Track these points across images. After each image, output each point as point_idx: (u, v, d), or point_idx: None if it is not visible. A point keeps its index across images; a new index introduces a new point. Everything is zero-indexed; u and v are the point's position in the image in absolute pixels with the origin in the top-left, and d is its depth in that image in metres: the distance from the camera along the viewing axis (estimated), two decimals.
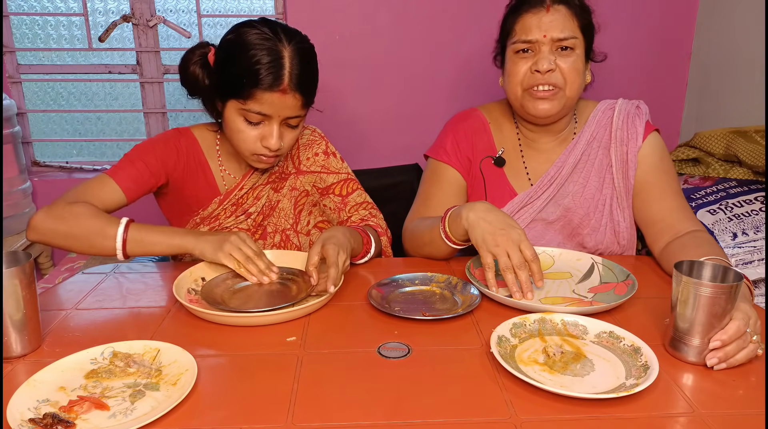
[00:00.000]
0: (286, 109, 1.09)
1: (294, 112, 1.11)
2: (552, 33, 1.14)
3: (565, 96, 1.17)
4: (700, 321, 0.79)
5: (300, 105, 1.11)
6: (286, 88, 1.07)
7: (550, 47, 1.15)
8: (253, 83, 1.05)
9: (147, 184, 1.17)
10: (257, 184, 1.26)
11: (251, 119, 1.10)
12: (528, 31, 1.15)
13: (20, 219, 2.12)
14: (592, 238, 1.24)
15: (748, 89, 1.97)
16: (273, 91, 1.06)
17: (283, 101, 1.08)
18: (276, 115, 1.09)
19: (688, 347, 0.81)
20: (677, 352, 0.82)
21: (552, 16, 1.14)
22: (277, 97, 1.07)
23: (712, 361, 0.78)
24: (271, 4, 2.19)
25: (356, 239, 1.13)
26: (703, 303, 0.78)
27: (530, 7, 1.16)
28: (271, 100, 1.07)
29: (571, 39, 1.14)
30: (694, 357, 0.81)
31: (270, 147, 1.11)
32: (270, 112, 1.09)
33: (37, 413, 0.68)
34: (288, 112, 1.10)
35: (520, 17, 1.17)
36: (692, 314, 0.79)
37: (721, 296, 0.77)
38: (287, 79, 1.07)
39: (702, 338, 0.79)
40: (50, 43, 2.23)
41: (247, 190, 1.25)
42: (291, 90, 1.08)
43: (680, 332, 0.81)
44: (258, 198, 1.26)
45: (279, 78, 1.06)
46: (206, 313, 0.91)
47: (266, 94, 1.06)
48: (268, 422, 0.68)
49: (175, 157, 1.21)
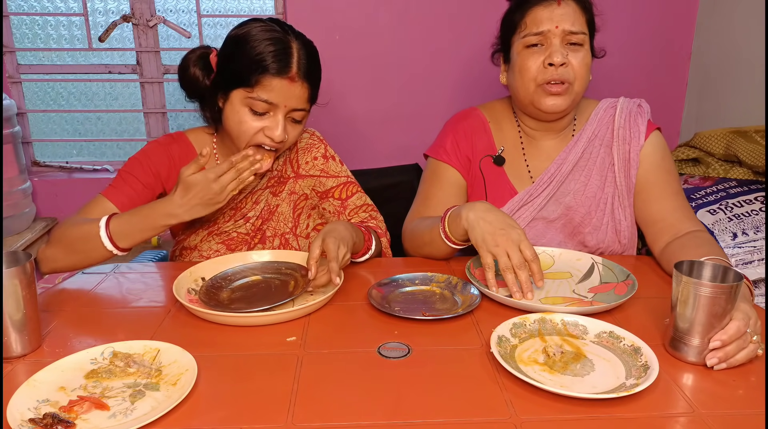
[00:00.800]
0: (293, 98, 1.10)
1: (300, 104, 1.11)
2: (564, 25, 1.14)
3: (574, 91, 1.17)
4: (700, 321, 0.79)
5: (306, 97, 1.11)
6: (295, 75, 1.08)
7: (561, 40, 1.14)
8: (262, 69, 1.06)
9: (142, 198, 1.18)
10: (256, 189, 1.26)
11: (257, 108, 1.09)
12: (539, 23, 1.15)
13: (20, 219, 2.12)
14: (594, 237, 1.24)
15: (748, 89, 1.97)
16: (282, 78, 1.07)
17: (291, 90, 1.08)
18: (282, 105, 1.09)
19: (688, 347, 0.81)
20: (677, 352, 0.82)
21: (563, 9, 1.14)
22: (285, 85, 1.08)
23: (712, 361, 0.78)
24: (271, 4, 2.20)
25: (358, 234, 1.13)
26: (703, 303, 0.78)
27: (541, 1, 1.16)
28: (280, 86, 1.07)
29: (581, 34, 1.15)
30: (694, 357, 0.81)
31: (274, 138, 1.11)
32: (277, 100, 1.09)
33: (37, 413, 0.68)
34: (295, 102, 1.10)
35: (530, 10, 1.17)
36: (692, 314, 0.79)
37: (721, 296, 0.77)
38: (296, 66, 1.08)
39: (702, 338, 0.79)
40: (50, 43, 2.23)
41: (245, 195, 1.25)
42: (299, 78, 1.08)
43: (680, 332, 0.81)
44: (257, 202, 1.26)
45: (288, 65, 1.07)
46: (206, 313, 0.91)
47: (275, 80, 1.07)
48: (268, 422, 0.68)
49: (168, 165, 1.21)
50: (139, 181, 1.17)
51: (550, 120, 1.23)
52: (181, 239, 1.27)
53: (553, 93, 1.16)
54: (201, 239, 1.24)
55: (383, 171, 1.77)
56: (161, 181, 1.21)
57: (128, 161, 1.20)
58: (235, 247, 1.24)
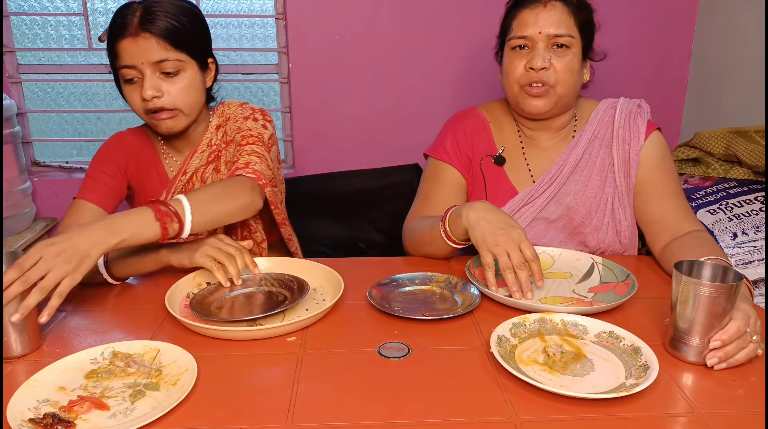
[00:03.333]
0: (145, 52, 1.10)
1: (157, 56, 1.11)
2: (548, 29, 1.14)
3: (556, 94, 1.17)
4: (700, 321, 0.79)
5: (160, 48, 1.11)
6: (135, 30, 1.10)
7: (546, 44, 1.15)
8: (111, 40, 1.12)
9: (115, 190, 1.21)
10: (199, 166, 1.25)
11: (126, 76, 1.13)
12: (524, 27, 1.16)
13: (20, 219, 2.12)
14: (594, 238, 1.24)
15: (748, 89, 1.97)
16: (125, 38, 1.10)
17: (138, 46, 1.10)
18: (140, 63, 1.11)
19: (688, 347, 0.81)
20: (677, 351, 0.82)
21: (548, 12, 1.15)
22: (130, 43, 1.10)
23: (712, 360, 0.78)
24: (271, 4, 2.19)
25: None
26: (702, 303, 0.78)
27: (528, 3, 1.17)
28: (127, 48, 1.10)
29: (567, 37, 1.15)
30: (694, 357, 0.81)
31: (144, 97, 1.12)
32: (132, 61, 1.11)
33: (37, 413, 0.68)
34: (150, 55, 1.11)
35: (518, 13, 1.18)
36: (692, 314, 0.79)
37: (721, 296, 0.77)
38: (136, 22, 1.10)
39: (702, 338, 0.79)
40: (50, 43, 2.23)
41: (190, 175, 1.25)
42: (141, 31, 1.10)
43: (680, 332, 0.81)
44: (203, 180, 1.25)
45: (126, 25, 1.10)
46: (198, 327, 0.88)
47: (121, 43, 1.10)
48: (268, 422, 0.68)
49: (126, 156, 1.24)
50: (107, 175, 1.20)
51: (539, 119, 1.23)
52: None
53: (534, 95, 1.17)
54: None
55: (383, 171, 1.77)
56: (125, 172, 1.24)
57: (93, 160, 1.23)
58: None
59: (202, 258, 1.01)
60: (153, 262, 1.05)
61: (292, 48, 2.14)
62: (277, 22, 2.19)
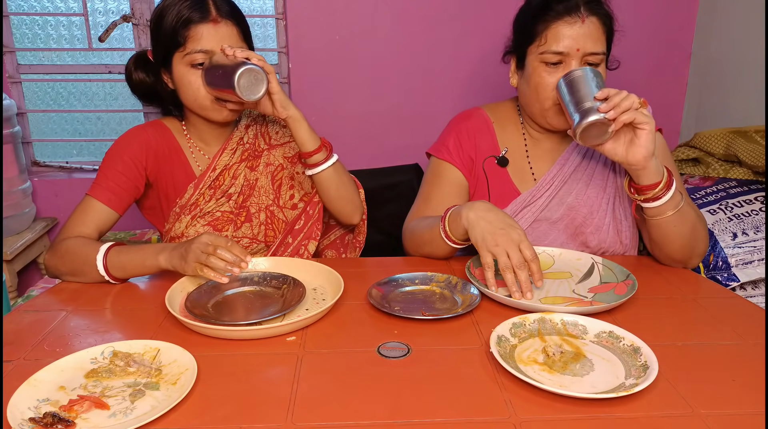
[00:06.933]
0: (225, 39, 1.12)
1: (233, 43, 1.13)
2: (586, 47, 1.10)
3: None
4: (579, 95, 1.03)
5: (237, 35, 1.14)
6: (216, 17, 1.11)
7: (579, 60, 1.11)
8: (184, 24, 1.10)
9: (129, 190, 1.19)
10: (231, 164, 1.26)
11: (197, 60, 1.12)
12: (560, 41, 1.10)
13: (20, 219, 2.12)
14: (596, 237, 1.24)
15: (748, 89, 1.97)
16: (205, 23, 1.11)
17: (218, 31, 1.12)
18: (217, 49, 1.12)
19: (585, 113, 1.00)
20: (582, 121, 1.00)
21: (587, 28, 1.10)
22: (210, 28, 1.11)
23: (605, 112, 0.97)
24: (271, 4, 2.20)
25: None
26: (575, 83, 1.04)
27: (564, 15, 1.10)
28: (206, 32, 1.11)
29: (600, 55, 1.12)
30: (594, 117, 0.99)
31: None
32: (209, 46, 1.11)
33: (37, 412, 0.68)
34: (228, 42, 1.12)
35: (552, 24, 1.11)
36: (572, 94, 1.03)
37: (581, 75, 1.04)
38: (213, 9, 1.11)
39: (590, 101, 1.01)
40: (50, 43, 2.23)
41: (220, 171, 1.25)
42: (222, 17, 1.12)
43: (574, 110, 1.02)
44: (235, 177, 1.26)
45: (205, 10, 1.11)
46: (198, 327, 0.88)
47: (199, 27, 1.11)
48: (268, 422, 0.68)
49: (146, 150, 1.21)
50: (122, 174, 1.18)
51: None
52: (168, 230, 1.26)
53: None
54: (186, 225, 1.23)
55: (383, 171, 1.77)
56: (145, 168, 1.21)
57: (107, 154, 1.20)
58: (221, 226, 1.24)
59: (191, 270, 0.98)
60: (151, 267, 1.05)
61: (292, 48, 2.14)
62: (277, 22, 2.20)
